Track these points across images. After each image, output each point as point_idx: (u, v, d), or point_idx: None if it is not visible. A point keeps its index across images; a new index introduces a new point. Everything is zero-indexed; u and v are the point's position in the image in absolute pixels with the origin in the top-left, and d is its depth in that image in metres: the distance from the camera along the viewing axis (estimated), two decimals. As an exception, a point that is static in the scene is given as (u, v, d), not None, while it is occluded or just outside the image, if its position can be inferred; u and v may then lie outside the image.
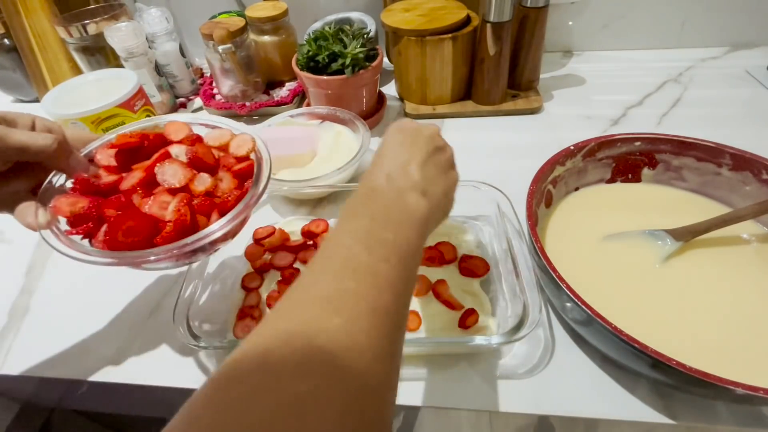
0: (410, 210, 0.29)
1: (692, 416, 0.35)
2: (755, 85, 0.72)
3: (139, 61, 0.72)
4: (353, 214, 0.29)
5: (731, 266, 0.42)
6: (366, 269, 0.24)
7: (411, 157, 0.33)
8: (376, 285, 0.24)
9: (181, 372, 0.41)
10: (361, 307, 0.22)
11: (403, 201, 0.30)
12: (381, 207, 0.29)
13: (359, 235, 0.26)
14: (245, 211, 0.32)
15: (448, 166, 0.37)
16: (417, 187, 0.31)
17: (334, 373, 0.19)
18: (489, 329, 0.40)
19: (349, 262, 0.24)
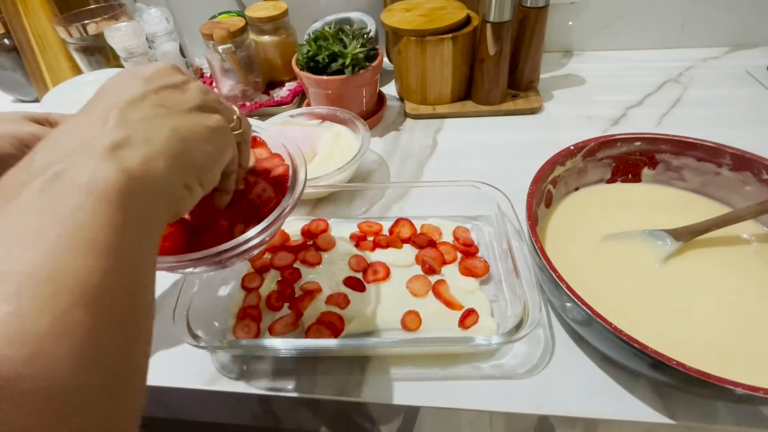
0: (82, 183, 0.18)
1: (692, 416, 0.35)
2: (755, 85, 0.72)
3: (139, 61, 0.71)
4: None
5: (731, 266, 0.41)
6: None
7: (111, 101, 0.23)
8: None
9: (181, 372, 0.41)
10: None
11: (58, 185, 0.18)
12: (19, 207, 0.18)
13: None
14: (281, 218, 0.32)
15: (188, 105, 0.25)
16: (100, 142, 0.20)
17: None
18: (489, 329, 0.40)
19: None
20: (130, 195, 0.19)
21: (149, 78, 0.25)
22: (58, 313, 0.16)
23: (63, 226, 0.17)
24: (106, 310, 0.17)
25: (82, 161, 0.19)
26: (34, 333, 0.15)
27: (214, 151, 0.26)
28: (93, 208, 0.18)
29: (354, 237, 0.49)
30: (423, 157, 0.64)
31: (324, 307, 0.42)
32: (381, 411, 0.40)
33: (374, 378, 0.39)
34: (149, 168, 0.21)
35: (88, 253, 0.17)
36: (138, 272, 0.19)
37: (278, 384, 0.39)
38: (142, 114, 0.23)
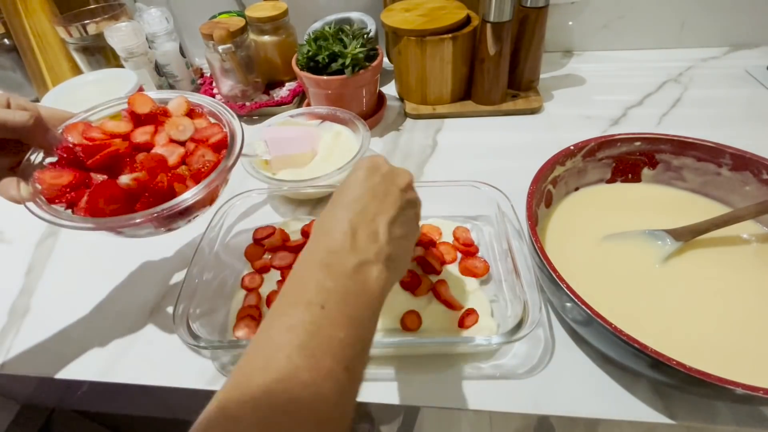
0: (370, 287, 0.27)
1: (692, 416, 0.35)
2: (755, 85, 0.72)
3: (139, 61, 0.72)
4: (301, 293, 0.25)
5: (731, 266, 0.41)
6: (305, 396, 0.21)
7: (380, 210, 0.30)
8: (315, 416, 0.21)
9: (181, 372, 0.41)
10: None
11: (364, 275, 0.27)
12: (336, 287, 0.25)
13: (302, 338, 0.23)
14: (217, 179, 0.35)
15: (416, 223, 0.33)
16: (382, 253, 0.28)
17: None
18: (489, 329, 0.40)
19: (286, 384, 0.21)
20: (382, 298, 0.28)
21: (404, 190, 0.32)
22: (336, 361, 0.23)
23: (368, 309, 0.27)
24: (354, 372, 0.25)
25: (374, 262, 0.28)
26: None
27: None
28: (377, 295, 0.27)
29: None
30: (423, 157, 0.64)
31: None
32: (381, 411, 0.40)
33: (374, 378, 0.39)
34: (393, 278, 0.29)
35: (370, 323, 0.27)
36: (367, 353, 0.26)
37: (278, 384, 0.39)
38: (397, 233, 0.30)
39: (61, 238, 0.57)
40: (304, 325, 0.23)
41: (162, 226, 0.36)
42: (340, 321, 0.24)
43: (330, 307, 0.24)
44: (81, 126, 0.37)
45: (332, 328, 0.24)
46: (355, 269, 0.26)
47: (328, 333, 0.24)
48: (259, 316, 0.42)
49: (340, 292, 0.25)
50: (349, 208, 0.29)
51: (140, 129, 0.38)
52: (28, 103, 0.35)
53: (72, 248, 0.56)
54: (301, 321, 0.24)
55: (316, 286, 0.25)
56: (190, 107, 0.40)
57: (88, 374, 0.42)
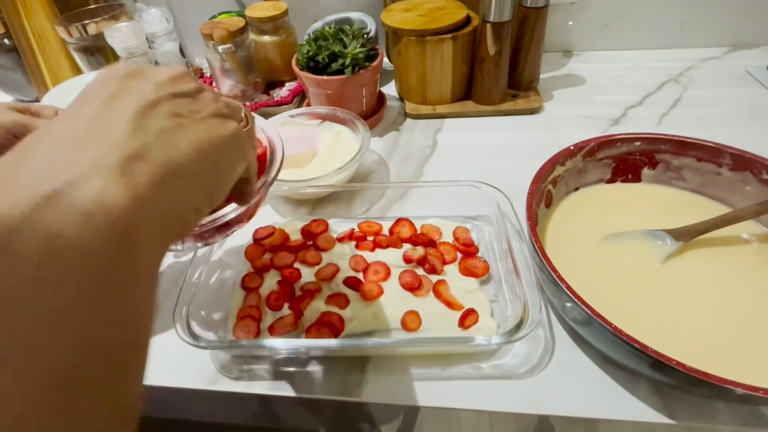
0: (70, 226, 0.15)
1: (692, 416, 0.35)
2: (755, 85, 0.72)
3: (139, 61, 0.71)
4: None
5: (731, 266, 0.42)
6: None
7: (118, 104, 0.19)
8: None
9: (181, 372, 0.41)
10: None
11: (55, 207, 0.15)
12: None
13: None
14: (258, 194, 0.34)
15: (204, 114, 0.22)
16: (113, 155, 0.17)
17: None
18: (489, 329, 0.40)
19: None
20: (141, 221, 0.17)
21: (160, 83, 0.21)
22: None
23: (59, 269, 0.15)
24: (102, 341, 0.16)
25: (85, 179, 0.16)
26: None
27: (231, 163, 0.23)
28: (97, 240, 0.15)
29: (351, 237, 0.49)
30: (423, 157, 0.64)
31: (324, 307, 0.42)
32: (381, 411, 0.40)
33: (374, 378, 0.39)
34: (162, 188, 0.18)
35: (79, 303, 0.15)
36: (136, 299, 0.17)
37: (278, 384, 0.39)
38: (158, 123, 0.19)
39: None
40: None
41: (200, 241, 0.35)
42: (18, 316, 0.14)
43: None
44: None
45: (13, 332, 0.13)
46: (21, 219, 0.14)
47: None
48: (259, 316, 0.42)
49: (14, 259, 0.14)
50: (50, 124, 0.18)
51: None
52: (50, 107, 0.34)
53: (72, 248, 0.56)
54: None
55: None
56: None
57: (88, 374, 0.42)
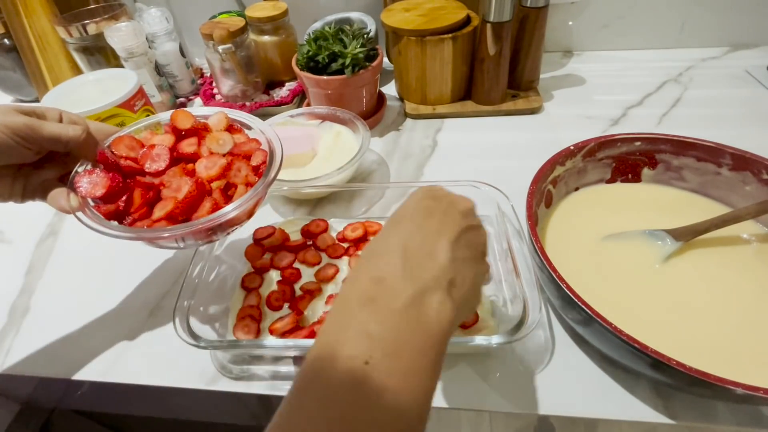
0: (430, 325, 0.21)
1: (692, 416, 0.35)
2: (755, 85, 0.72)
3: (139, 61, 0.72)
4: (340, 343, 0.21)
5: (731, 266, 0.41)
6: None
7: (440, 229, 0.26)
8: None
9: (181, 372, 0.41)
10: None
11: (420, 310, 0.21)
12: (386, 330, 0.21)
13: (337, 412, 0.19)
14: (256, 195, 0.35)
15: (481, 251, 0.29)
16: (443, 277, 0.23)
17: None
18: (489, 329, 0.40)
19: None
20: (447, 336, 0.23)
21: (464, 214, 0.28)
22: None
23: (428, 355, 0.21)
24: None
25: (434, 289, 0.23)
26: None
27: (480, 296, 0.29)
28: (437, 340, 0.22)
29: (344, 239, 0.49)
30: (423, 157, 0.64)
31: (324, 307, 0.42)
32: (381, 411, 0.40)
33: (374, 378, 0.39)
34: (459, 310, 0.24)
35: (432, 372, 0.21)
36: (426, 412, 0.22)
37: (278, 384, 0.39)
38: (461, 255, 0.25)
39: (61, 238, 0.57)
40: (341, 394, 0.19)
41: (202, 239, 0.37)
42: (389, 376, 0.19)
43: (376, 362, 0.19)
44: (127, 140, 0.38)
45: (378, 390, 0.19)
46: (410, 301, 0.21)
47: (373, 396, 0.19)
48: (259, 316, 0.42)
49: (391, 336, 0.20)
50: (401, 229, 0.25)
51: (186, 141, 0.39)
52: (78, 118, 0.36)
53: (72, 248, 0.56)
54: (339, 386, 0.19)
55: (357, 334, 0.20)
56: (229, 122, 0.41)
57: (88, 374, 0.42)
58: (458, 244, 0.26)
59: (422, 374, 0.20)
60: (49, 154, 0.36)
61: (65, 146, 0.35)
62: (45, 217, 0.61)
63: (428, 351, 0.21)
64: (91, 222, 0.34)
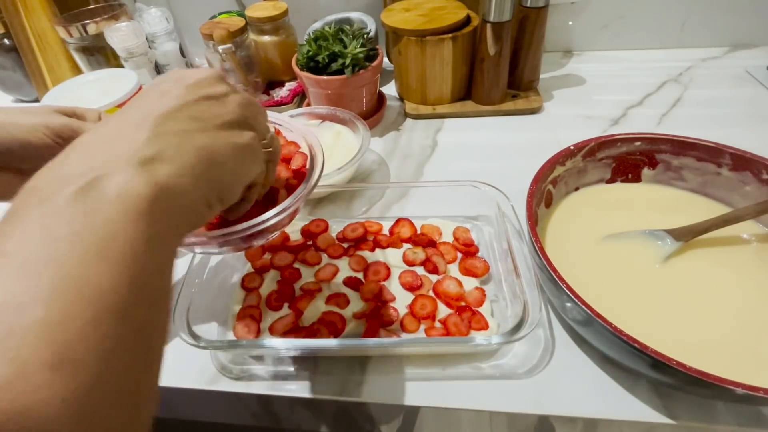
0: (102, 210, 0.18)
1: (692, 416, 0.35)
2: (755, 85, 0.72)
3: (139, 61, 0.72)
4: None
5: (731, 266, 0.42)
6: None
7: (145, 111, 0.23)
8: None
9: (181, 372, 0.41)
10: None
11: (87, 202, 0.18)
12: (32, 224, 0.17)
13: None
14: (297, 203, 0.34)
15: (223, 120, 0.25)
16: (134, 155, 0.20)
17: None
18: (489, 329, 0.40)
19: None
20: (158, 210, 0.20)
21: (192, 85, 0.25)
22: (86, 321, 0.16)
23: (95, 236, 0.17)
24: (129, 320, 0.17)
25: (115, 172, 0.19)
26: (62, 341, 0.15)
27: (240, 170, 0.26)
28: (123, 220, 0.18)
29: (344, 239, 0.49)
30: (423, 157, 0.64)
31: (324, 307, 0.42)
32: (381, 411, 0.40)
33: (374, 378, 0.39)
34: (177, 184, 0.21)
35: (116, 264, 0.17)
36: (159, 284, 0.20)
37: (278, 384, 0.39)
38: (176, 126, 0.23)
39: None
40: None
41: (241, 245, 0.35)
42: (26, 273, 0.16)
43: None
44: None
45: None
46: (72, 197, 0.18)
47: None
48: (259, 316, 0.42)
49: (28, 248, 0.17)
50: (100, 125, 0.23)
51: None
52: (93, 111, 0.35)
53: (72, 248, 0.56)
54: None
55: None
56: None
57: (88, 374, 0.42)
58: (171, 118, 0.23)
59: (109, 262, 0.17)
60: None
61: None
62: (45, 217, 0.60)
63: (105, 238, 0.17)
64: None
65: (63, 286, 0.16)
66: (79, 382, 0.15)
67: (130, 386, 0.17)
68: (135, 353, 0.18)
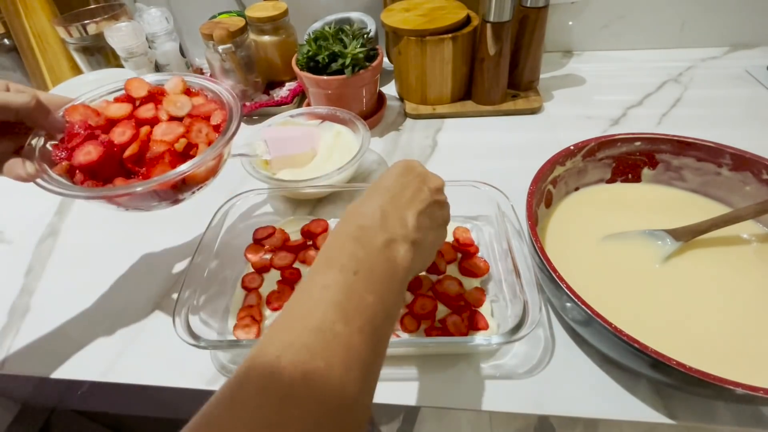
0: (396, 263, 0.29)
1: (692, 416, 0.35)
2: (755, 85, 0.72)
3: (139, 61, 0.72)
4: (336, 258, 0.28)
5: (731, 266, 0.42)
6: (339, 342, 0.24)
7: (411, 201, 0.33)
8: (345, 361, 0.23)
9: (181, 372, 0.41)
10: (326, 389, 0.22)
11: (391, 251, 0.29)
12: (367, 257, 0.28)
13: (338, 297, 0.25)
14: (215, 151, 0.36)
15: (442, 223, 0.36)
16: (409, 237, 0.31)
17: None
18: (489, 329, 0.40)
19: (324, 334, 0.24)
20: (407, 276, 0.30)
21: (433, 191, 0.35)
22: (369, 348, 0.25)
23: (391, 282, 0.28)
24: (368, 385, 0.25)
25: (400, 241, 0.30)
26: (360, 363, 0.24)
27: (436, 252, 0.38)
28: (400, 277, 0.29)
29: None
30: (423, 157, 0.64)
31: (324, 307, 0.42)
32: (381, 411, 0.40)
33: (374, 378, 0.39)
34: (417, 261, 0.31)
35: (388, 301, 0.27)
36: (392, 322, 0.29)
37: (278, 384, 0.39)
38: (425, 223, 0.33)
39: (61, 238, 0.57)
40: (338, 285, 0.26)
41: (166, 199, 0.38)
42: (370, 288, 0.27)
43: (361, 274, 0.27)
44: (81, 108, 0.38)
45: (363, 293, 0.26)
46: (384, 244, 0.29)
47: (360, 296, 0.26)
48: (259, 316, 0.42)
49: (370, 261, 0.28)
50: (381, 195, 0.32)
51: (143, 107, 0.39)
52: (26, 88, 0.36)
53: (72, 248, 0.56)
54: (335, 281, 0.26)
55: (349, 254, 0.28)
56: (186, 86, 0.42)
57: (88, 374, 0.42)
58: (423, 215, 0.33)
59: (391, 293, 0.28)
60: (2, 127, 0.36)
61: (15, 114, 0.34)
62: (45, 217, 0.61)
63: (395, 278, 0.29)
64: (51, 187, 0.34)
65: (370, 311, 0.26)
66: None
67: (367, 401, 0.25)
68: (376, 366, 0.26)
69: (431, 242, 0.34)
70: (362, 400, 0.24)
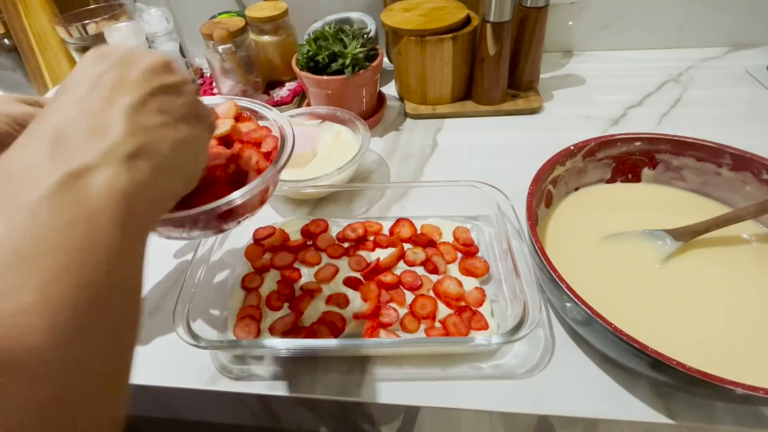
0: (91, 203, 0.19)
1: (692, 416, 0.35)
2: (755, 85, 0.72)
3: (139, 61, 0.71)
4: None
5: (731, 266, 0.41)
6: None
7: (111, 97, 0.22)
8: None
9: (181, 372, 0.41)
10: None
11: (76, 191, 0.19)
12: (11, 229, 0.17)
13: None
14: (264, 183, 0.34)
15: (187, 114, 0.25)
16: (119, 151, 0.20)
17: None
18: (489, 329, 0.40)
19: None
20: (138, 204, 0.21)
21: (147, 73, 0.24)
22: (73, 309, 0.17)
23: (83, 227, 0.18)
24: (109, 309, 0.18)
25: (102, 165, 0.20)
26: (52, 325, 0.16)
27: (201, 158, 0.27)
28: (110, 213, 0.19)
29: (344, 239, 0.49)
30: (423, 157, 0.64)
31: (324, 307, 0.42)
32: (381, 411, 0.40)
33: (374, 378, 0.39)
34: (154, 180, 0.22)
35: (102, 256, 0.18)
36: (137, 276, 0.21)
37: (278, 384, 0.39)
38: (148, 122, 0.23)
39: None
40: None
41: (211, 228, 0.36)
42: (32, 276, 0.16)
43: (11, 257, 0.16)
44: None
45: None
46: (55, 188, 0.18)
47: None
48: (259, 316, 0.42)
49: (18, 234, 0.17)
50: (57, 107, 0.22)
51: None
52: (40, 98, 0.35)
53: (72, 248, 0.56)
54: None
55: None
56: (238, 111, 0.40)
57: (88, 374, 0.42)
58: (140, 110, 0.22)
59: (88, 262, 0.18)
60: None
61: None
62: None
63: (92, 228, 0.18)
64: None
65: (52, 276, 0.17)
66: (35, 346, 0.15)
67: (104, 368, 0.19)
68: (110, 345, 0.19)
69: (172, 144, 0.23)
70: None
